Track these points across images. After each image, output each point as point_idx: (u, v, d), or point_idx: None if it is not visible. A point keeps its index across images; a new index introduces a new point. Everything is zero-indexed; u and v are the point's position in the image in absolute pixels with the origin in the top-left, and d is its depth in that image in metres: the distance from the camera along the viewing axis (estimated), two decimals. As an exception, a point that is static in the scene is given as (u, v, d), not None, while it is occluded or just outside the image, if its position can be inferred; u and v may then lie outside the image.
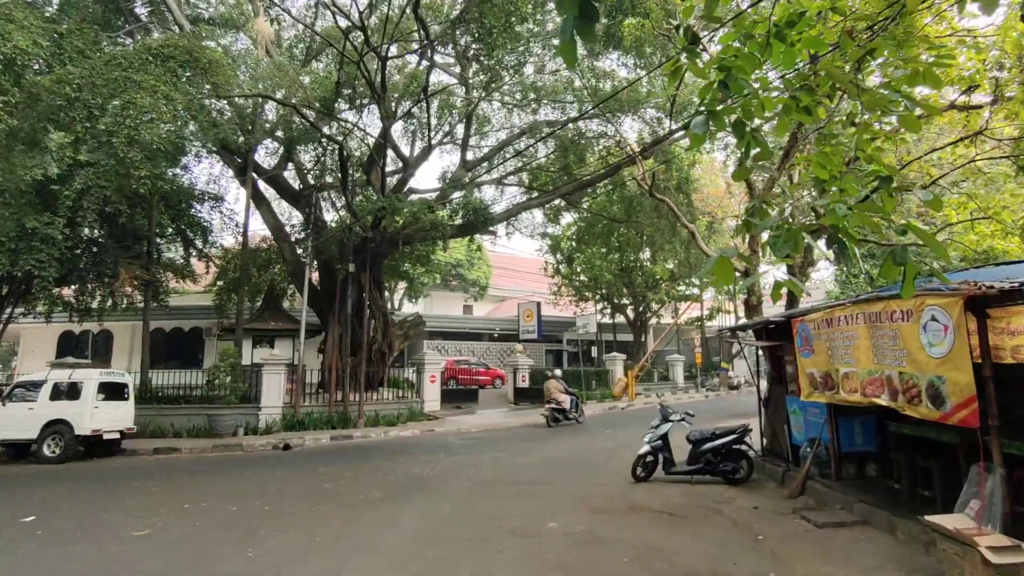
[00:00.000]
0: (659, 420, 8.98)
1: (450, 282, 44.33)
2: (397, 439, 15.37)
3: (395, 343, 20.22)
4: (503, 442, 14.02)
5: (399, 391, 20.06)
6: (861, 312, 6.06)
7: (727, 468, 8.52)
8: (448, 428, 17.17)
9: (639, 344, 34.27)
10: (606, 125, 21.93)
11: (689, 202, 20.87)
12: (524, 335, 29.33)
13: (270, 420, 16.62)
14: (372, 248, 19.30)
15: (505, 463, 10.76)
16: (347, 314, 18.64)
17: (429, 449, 13.01)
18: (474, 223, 20.05)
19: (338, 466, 10.73)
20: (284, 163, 22.30)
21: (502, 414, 20.82)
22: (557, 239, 29.98)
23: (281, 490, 8.50)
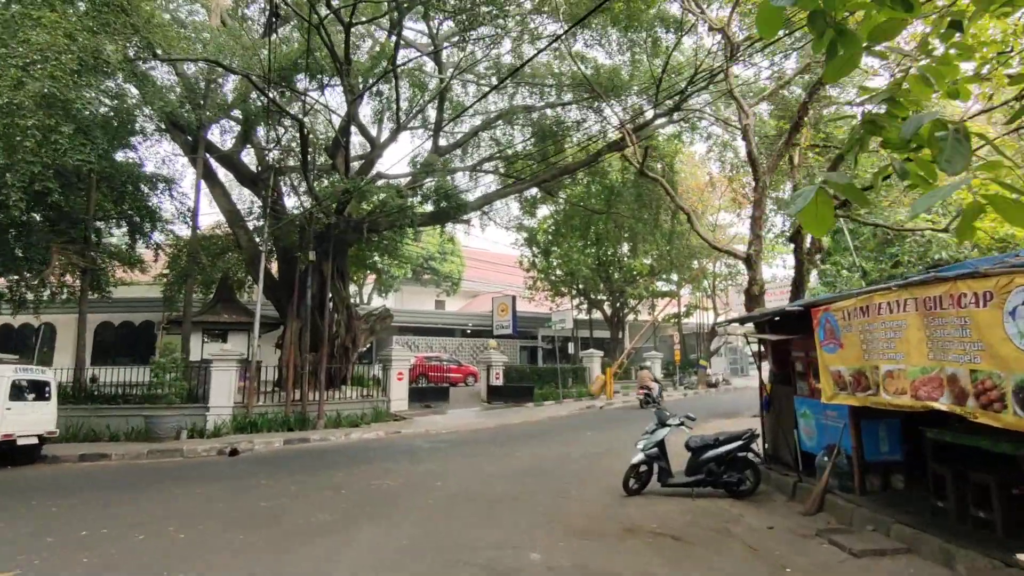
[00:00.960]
0: (654, 424, 7.86)
1: (422, 276, 42.93)
2: (359, 442, 14.01)
3: (360, 338, 18.81)
4: (475, 446, 12.79)
5: (364, 389, 18.67)
6: (912, 297, 4.99)
7: (731, 479, 7.44)
8: (416, 430, 15.86)
9: (616, 341, 33.39)
10: (586, 111, 20.88)
11: (674, 191, 19.91)
12: (498, 330, 28.16)
13: (219, 421, 15.11)
14: (336, 236, 17.86)
15: (477, 472, 9.53)
16: (307, 306, 17.17)
17: (392, 454, 11.70)
18: (446, 210, 18.74)
19: (285, 477, 9.36)
20: (241, 144, 20.67)
21: (474, 414, 19.58)
22: (534, 231, 28.83)
23: (207, 511, 7.12)
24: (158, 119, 17.68)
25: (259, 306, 16.76)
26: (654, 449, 7.56)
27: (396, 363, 18.98)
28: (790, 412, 8.39)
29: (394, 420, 17.60)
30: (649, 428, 7.86)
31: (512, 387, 22.60)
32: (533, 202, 29.32)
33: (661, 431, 7.70)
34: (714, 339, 31.70)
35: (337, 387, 17.88)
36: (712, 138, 22.40)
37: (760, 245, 9.25)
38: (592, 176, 22.44)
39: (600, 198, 23.97)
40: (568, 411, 20.61)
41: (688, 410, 16.79)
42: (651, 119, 19.06)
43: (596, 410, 21.48)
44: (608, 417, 18.85)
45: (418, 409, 19.86)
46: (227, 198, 20.11)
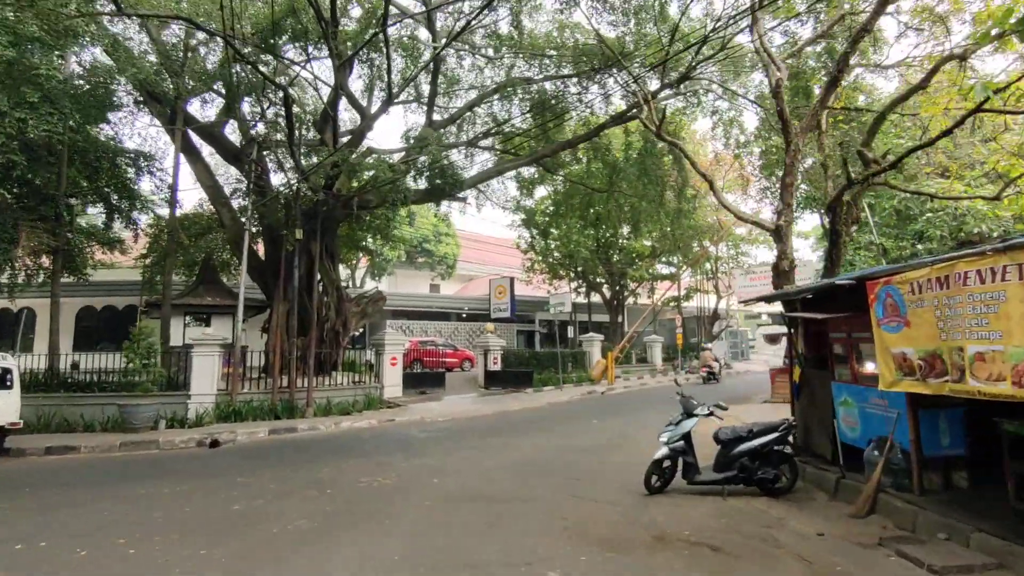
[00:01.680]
0: (680, 415, 6.98)
1: (416, 259, 42.01)
2: (349, 432, 13.13)
3: (351, 321, 17.86)
4: (474, 436, 11.92)
5: (355, 375, 17.75)
6: (1016, 263, 4.08)
7: (767, 476, 6.59)
8: (410, 417, 14.99)
9: (615, 325, 32.59)
10: (588, 84, 19.80)
11: (681, 165, 18.94)
12: (496, 313, 27.27)
13: (201, 410, 14.19)
14: (324, 213, 16.84)
15: (477, 467, 8.65)
16: (294, 288, 16.18)
17: (385, 446, 10.82)
18: (441, 187, 17.72)
19: (266, 473, 8.46)
20: (224, 117, 19.53)
21: (471, 400, 18.73)
22: (531, 212, 27.80)
23: (171, 516, 6.21)
24: (134, 88, 16.57)
25: (243, 287, 15.76)
26: (680, 442, 6.69)
27: (389, 348, 18.06)
28: (827, 400, 7.54)
29: (387, 407, 16.72)
30: (674, 418, 6.99)
31: (510, 372, 21.76)
32: (531, 182, 28.34)
33: (688, 422, 6.83)
34: (716, 323, 30.91)
35: (327, 373, 16.97)
36: (717, 113, 21.39)
37: (791, 215, 8.32)
38: (594, 152, 21.42)
39: (601, 176, 22.95)
40: (569, 397, 19.81)
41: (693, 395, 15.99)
42: (657, 90, 18.02)
43: (598, 396, 20.69)
44: (611, 403, 18.04)
45: (413, 395, 19.00)
46: (209, 175, 19.01)
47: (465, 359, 27.19)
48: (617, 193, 22.27)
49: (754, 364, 37.82)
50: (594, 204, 24.64)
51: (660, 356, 31.37)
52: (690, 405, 6.96)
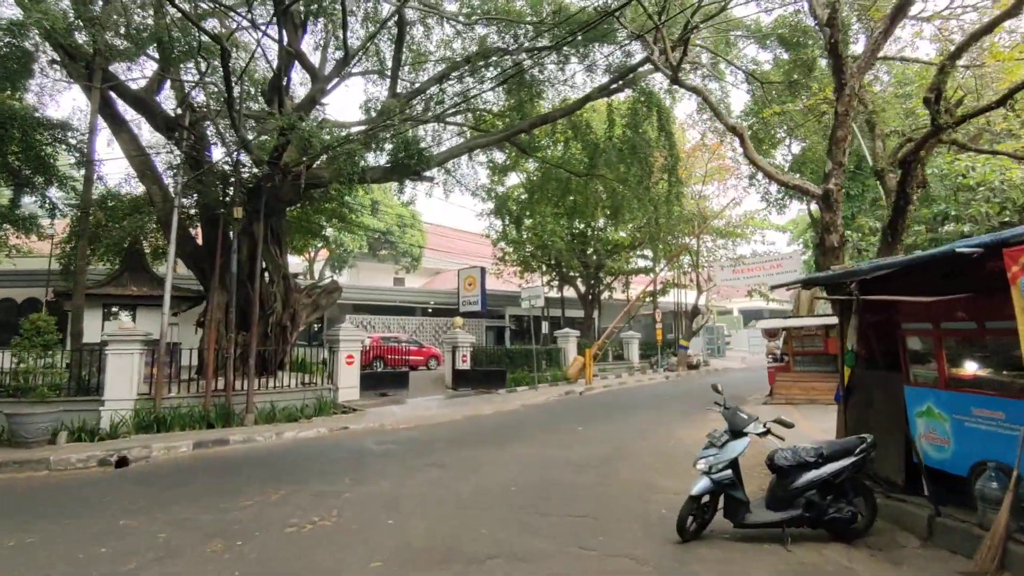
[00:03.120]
0: (724, 433, 5.21)
1: (379, 250, 39.74)
2: (292, 444, 11.04)
3: (300, 314, 15.69)
4: (442, 448, 10.01)
5: (306, 376, 15.62)
6: None
7: (842, 515, 4.89)
8: (367, 424, 12.98)
9: (590, 320, 31.01)
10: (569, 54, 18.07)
11: (671, 143, 17.34)
12: (465, 306, 25.36)
13: (117, 419, 11.90)
14: (269, 191, 14.63)
15: (447, 496, 6.75)
16: (232, 275, 13.95)
17: (332, 464, 8.81)
18: (405, 164, 15.68)
19: (166, 510, 6.39)
20: (158, 84, 17.08)
21: (438, 403, 16.79)
22: (503, 198, 25.91)
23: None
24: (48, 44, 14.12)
25: (171, 272, 13.46)
26: (727, 472, 4.92)
27: (345, 344, 15.97)
28: (895, 409, 5.90)
29: (342, 412, 14.67)
30: (716, 436, 5.21)
31: (481, 371, 19.89)
32: (503, 168, 26.47)
33: (735, 444, 5.07)
34: (695, 318, 29.62)
35: (272, 373, 14.80)
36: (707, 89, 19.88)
37: (841, 177, 6.69)
38: (573, 132, 19.66)
39: (580, 161, 21.25)
40: (545, 398, 18.06)
41: (678, 395, 14.34)
42: (640, 62, 16.37)
43: (576, 396, 19.01)
44: (593, 405, 16.34)
45: (372, 398, 16.94)
46: (138, 146, 16.53)
47: (431, 356, 25.21)
48: (597, 178, 20.59)
49: (730, 360, 36.82)
50: (571, 191, 22.93)
51: (637, 353, 29.94)
52: (739, 421, 5.20)
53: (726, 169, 28.59)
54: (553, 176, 22.28)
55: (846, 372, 6.93)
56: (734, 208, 28.99)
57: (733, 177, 29.28)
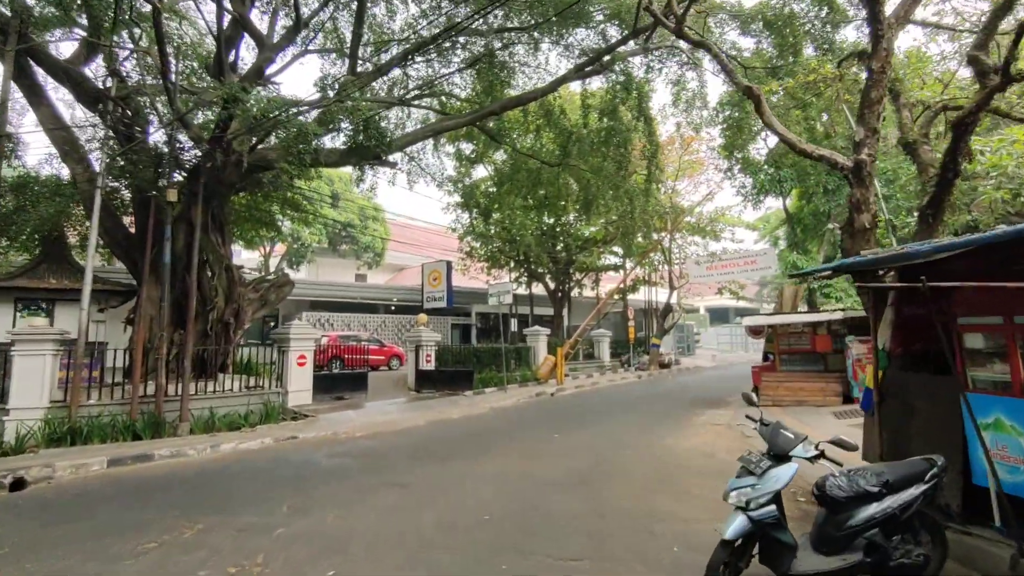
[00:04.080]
0: (763, 457, 4.08)
1: (339, 245, 38.03)
2: (229, 459, 9.59)
3: (246, 310, 14.15)
4: (402, 462, 8.74)
5: (251, 378, 14.08)
6: None
7: (913, 560, 3.86)
8: (319, 433, 11.60)
9: (559, 318, 30.01)
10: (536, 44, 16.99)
11: (651, 129, 16.37)
12: (430, 303, 24.02)
13: (24, 430, 10.30)
14: (211, 171, 13.06)
15: (406, 532, 5.52)
16: (165, 265, 12.34)
17: (270, 485, 7.45)
18: (365, 146, 14.28)
19: (31, 560, 4.97)
20: (87, 54, 15.25)
21: (400, 407, 15.45)
22: (471, 187, 24.64)
23: None
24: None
25: (91, 260, 11.80)
26: (770, 508, 3.82)
27: (296, 343, 14.49)
28: (949, 421, 4.93)
29: (292, 419, 13.21)
30: (752, 461, 4.06)
31: (446, 372, 18.61)
32: (471, 159, 25.23)
33: (780, 472, 3.94)
34: (668, 316, 28.91)
35: (212, 376, 13.24)
36: (681, 84, 19.08)
37: (875, 147, 5.72)
38: (546, 119, 18.52)
39: (553, 151, 20.17)
40: (515, 400, 16.92)
41: (655, 396, 13.45)
42: (619, 42, 15.35)
43: (548, 398, 17.93)
44: (566, 408, 15.26)
45: (327, 402, 15.51)
46: (60, 121, 14.69)
47: (393, 356, 23.81)
48: (570, 168, 19.54)
49: (700, 359, 36.38)
50: (542, 182, 21.83)
51: (608, 352, 29.07)
52: (782, 441, 4.08)
53: (700, 163, 27.96)
54: (524, 166, 21.16)
55: (870, 374, 5.97)
56: (706, 204, 28.39)
57: (708, 171, 28.72)
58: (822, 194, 21.43)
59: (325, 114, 14.15)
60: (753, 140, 23.30)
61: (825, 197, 21.36)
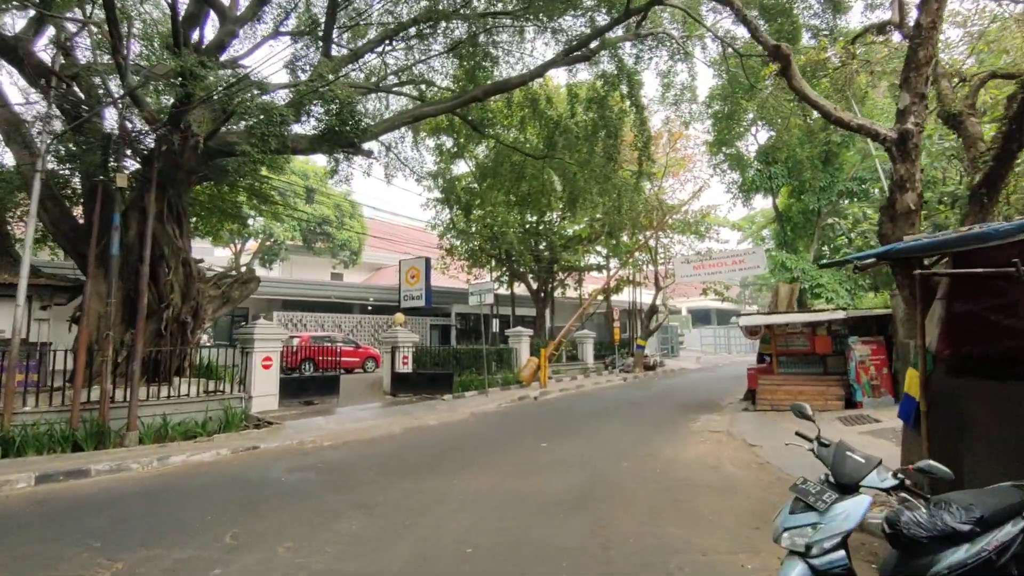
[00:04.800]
0: (825, 487, 3.16)
1: (314, 243, 36.72)
2: (177, 474, 8.51)
3: (206, 308, 13.02)
4: (371, 478, 7.77)
5: (211, 382, 12.95)
6: None
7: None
8: (283, 442, 10.56)
9: (542, 319, 29.17)
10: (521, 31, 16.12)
11: (642, 118, 15.59)
12: (407, 302, 23.02)
13: (-54, 441, 9.13)
14: (167, 156, 11.95)
15: (370, 573, 4.56)
16: (114, 258, 11.19)
17: (216, 509, 6.43)
18: (338, 132, 13.25)
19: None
20: (35, 30, 13.98)
21: (374, 413, 14.44)
22: (452, 181, 23.67)
23: None
24: None
25: (28, 251, 10.64)
26: (837, 555, 2.95)
27: (261, 344, 13.42)
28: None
29: (254, 427, 12.15)
30: (811, 491, 3.12)
31: (424, 375, 17.63)
32: (452, 155, 24.27)
33: (850, 507, 3.03)
34: (653, 317, 28.24)
35: (167, 380, 12.09)
36: (670, 75, 18.39)
37: (923, 115, 4.97)
38: (531, 109, 17.64)
39: (537, 144, 19.33)
40: (497, 405, 16.02)
41: (643, 400, 12.85)
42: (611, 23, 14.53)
43: (531, 402, 17.06)
44: (552, 413, 14.40)
45: (295, 407, 14.44)
46: (2, 101, 13.44)
47: (368, 358, 22.72)
48: (555, 161, 18.70)
49: (684, 360, 35.83)
50: (526, 177, 20.96)
51: (592, 353, 28.30)
52: (852, 468, 3.17)
53: (688, 159, 27.37)
54: (507, 160, 20.28)
55: (910, 380, 5.17)
56: (694, 202, 27.78)
57: (695, 168, 28.15)
58: (812, 192, 20.92)
59: (296, 97, 13.10)
60: (743, 136, 22.76)
61: (816, 195, 20.85)
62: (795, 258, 20.85)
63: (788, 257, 20.85)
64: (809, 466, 3.86)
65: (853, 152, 20.56)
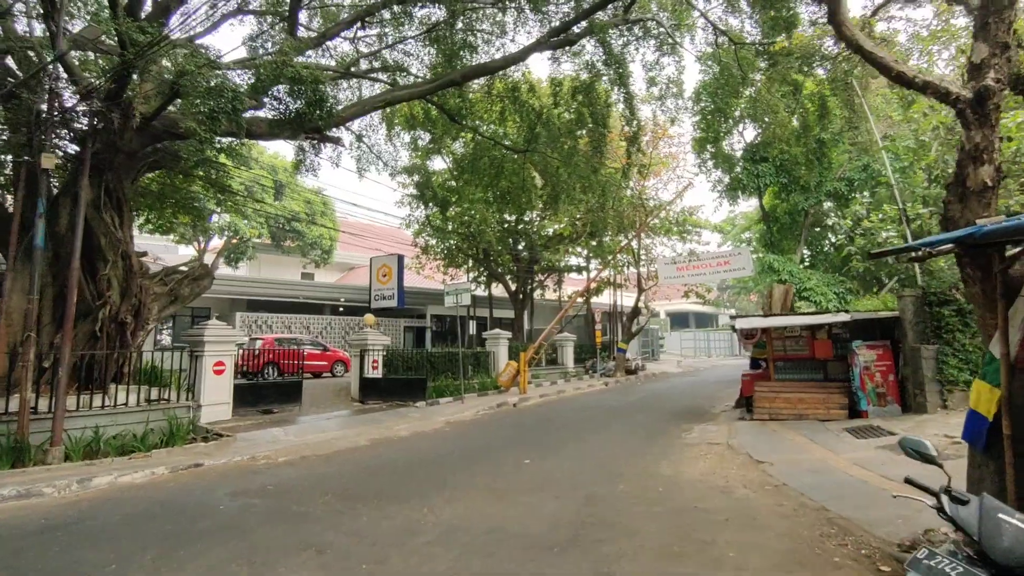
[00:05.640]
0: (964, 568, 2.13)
1: (283, 241, 35.16)
2: (97, 501, 7.23)
3: (150, 307, 11.68)
4: (327, 504, 6.63)
5: (154, 390, 11.60)
6: None
7: None
8: (232, 458, 9.33)
9: (520, 321, 28.18)
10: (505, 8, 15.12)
11: (631, 106, 14.67)
12: (379, 301, 21.80)
13: None
14: (105, 135, 10.63)
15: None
16: (37, 248, 9.81)
17: (124, 554, 5.22)
18: (302, 115, 12.06)
19: None
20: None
21: (339, 422, 13.23)
22: (428, 173, 22.50)
23: None
24: None
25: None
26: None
27: (213, 347, 12.13)
28: None
29: (203, 439, 10.87)
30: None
31: (396, 380, 16.47)
32: (427, 151, 23.15)
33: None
34: (635, 319, 27.43)
35: (103, 387, 10.73)
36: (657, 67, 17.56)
37: (1004, 69, 4.08)
38: (512, 100, 16.61)
39: (518, 138, 18.33)
40: (474, 412, 14.94)
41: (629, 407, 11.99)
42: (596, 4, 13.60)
43: (511, 409, 16.01)
44: (534, 422, 13.35)
45: (252, 416, 13.15)
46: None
47: (338, 361, 21.44)
48: (536, 154, 17.71)
49: (666, 364, 35.13)
50: (505, 172, 19.91)
51: (572, 357, 27.36)
52: (1011, 539, 2.17)
53: (673, 157, 26.65)
54: (486, 154, 19.22)
55: (984, 393, 4.25)
56: (678, 202, 27.04)
57: (679, 167, 27.47)
58: (800, 191, 20.29)
59: (254, 75, 11.89)
60: (730, 132, 22.07)
61: (804, 194, 20.22)
62: (782, 259, 20.20)
63: (775, 258, 20.19)
64: (834, 488, 2.83)
65: (840, 151, 20.01)
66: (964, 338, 9.83)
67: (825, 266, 21.52)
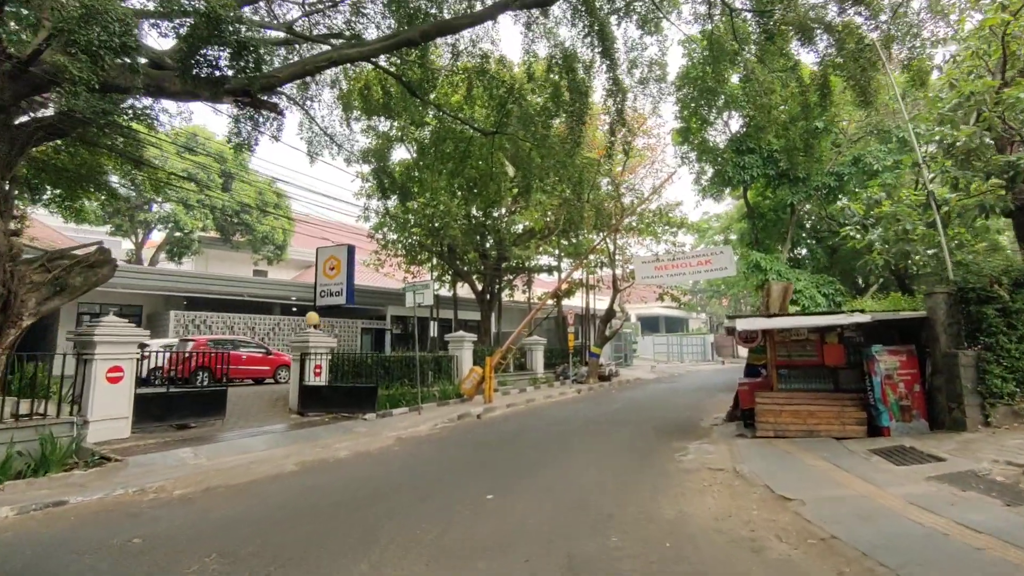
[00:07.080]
0: None
1: (232, 235, 32.68)
2: None
3: (25, 300, 9.38)
4: (222, 566, 4.63)
5: (31, 402, 9.32)
6: None
7: None
8: (112, 492, 7.22)
9: (487, 323, 26.32)
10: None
11: (616, 77, 12.97)
12: (325, 298, 19.62)
13: None
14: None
15: None
16: None
17: None
18: (239, 69, 9.96)
19: None
20: None
21: (268, 440, 11.10)
22: (383, 153, 20.39)
23: None
24: None
25: None
26: None
27: (106, 349, 9.92)
28: None
29: (86, 465, 8.68)
30: None
31: (341, 388, 14.41)
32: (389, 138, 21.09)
33: None
34: (609, 323, 25.81)
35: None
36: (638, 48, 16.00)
37: None
38: (480, 75, 14.75)
39: (488, 116, 16.50)
40: (431, 425, 13.02)
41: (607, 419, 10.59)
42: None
43: (474, 421, 14.13)
44: (500, 438, 11.48)
45: (161, 433, 10.93)
46: None
47: (281, 366, 19.18)
48: (507, 137, 15.93)
49: (639, 370, 33.65)
50: (472, 156, 18.05)
51: (542, 362, 25.58)
52: None
53: (651, 149, 25.19)
54: (450, 135, 17.33)
55: None
56: (658, 195, 25.58)
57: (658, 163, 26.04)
58: (788, 184, 18.96)
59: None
60: (712, 124, 20.67)
61: (792, 187, 18.89)
62: (770, 258, 18.83)
63: (762, 256, 18.80)
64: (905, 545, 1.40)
65: (827, 144, 18.74)
66: (1009, 342, 8.35)
67: (813, 266, 20.26)
